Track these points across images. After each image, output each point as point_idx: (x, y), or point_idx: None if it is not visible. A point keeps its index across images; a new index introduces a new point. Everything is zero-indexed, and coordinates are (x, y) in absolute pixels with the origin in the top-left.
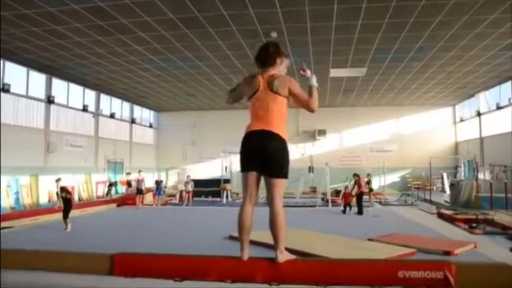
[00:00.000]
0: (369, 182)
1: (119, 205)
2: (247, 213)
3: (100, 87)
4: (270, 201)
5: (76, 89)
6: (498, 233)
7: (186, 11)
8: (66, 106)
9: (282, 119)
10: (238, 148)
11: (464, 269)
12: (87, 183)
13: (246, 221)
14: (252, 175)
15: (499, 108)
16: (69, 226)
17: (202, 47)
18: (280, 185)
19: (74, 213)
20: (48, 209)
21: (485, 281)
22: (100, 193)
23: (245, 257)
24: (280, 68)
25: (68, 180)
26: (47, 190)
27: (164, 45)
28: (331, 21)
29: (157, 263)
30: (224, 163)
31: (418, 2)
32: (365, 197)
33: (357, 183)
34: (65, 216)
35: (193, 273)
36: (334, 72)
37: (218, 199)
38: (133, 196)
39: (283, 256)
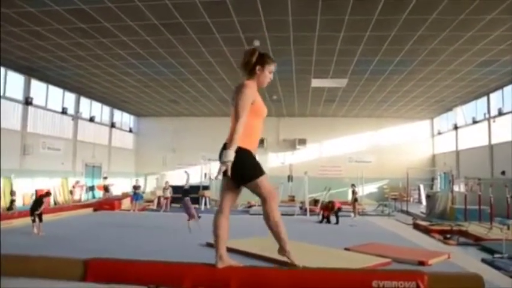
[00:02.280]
0: (353, 192)
1: (95, 210)
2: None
3: (80, 90)
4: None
5: (55, 91)
6: (471, 244)
7: (170, 16)
8: (45, 108)
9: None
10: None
11: (436, 279)
12: (64, 187)
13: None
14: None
15: (475, 122)
16: (34, 229)
17: (185, 53)
18: (255, 187)
19: (48, 217)
20: (21, 213)
21: None
22: (77, 197)
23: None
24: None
25: (44, 184)
26: (21, 193)
27: (147, 50)
28: (314, 31)
29: (132, 269)
30: (203, 170)
31: (399, 17)
32: (349, 208)
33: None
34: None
35: (168, 280)
36: (316, 83)
37: (197, 206)
38: (110, 201)
39: (287, 254)
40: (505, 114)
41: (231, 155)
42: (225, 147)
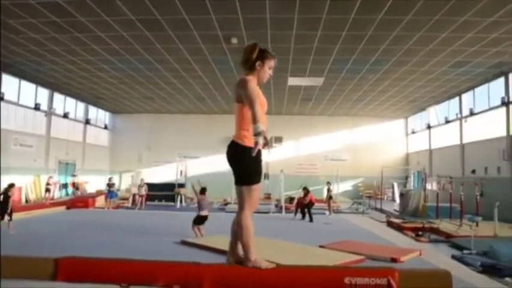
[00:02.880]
0: (328, 190)
1: (68, 208)
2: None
3: (54, 85)
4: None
5: (28, 87)
6: (442, 241)
7: (147, 12)
8: (17, 104)
9: (242, 123)
10: (195, 152)
11: (407, 276)
12: (36, 184)
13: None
14: None
15: (447, 122)
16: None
17: (162, 50)
18: (242, 191)
19: (19, 215)
20: None
21: (426, 286)
22: (50, 195)
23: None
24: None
25: (15, 181)
26: None
27: (123, 46)
28: (291, 30)
29: (104, 267)
30: (179, 167)
31: (376, 17)
32: (324, 205)
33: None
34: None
35: (140, 278)
36: (293, 81)
37: (172, 203)
38: (84, 199)
39: (251, 264)
40: (476, 115)
41: (261, 127)
42: (232, 143)
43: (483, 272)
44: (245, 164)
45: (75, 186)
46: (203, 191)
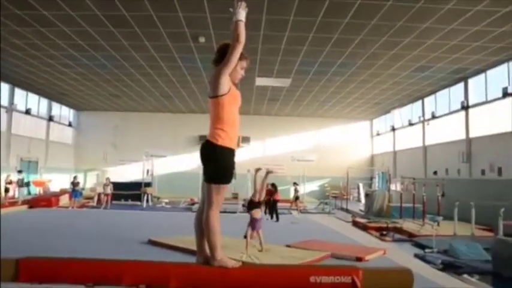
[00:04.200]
0: (295, 190)
1: (30, 207)
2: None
3: (15, 80)
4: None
5: None
6: (405, 240)
7: (113, 8)
8: None
9: (216, 122)
10: (162, 151)
11: (371, 274)
12: None
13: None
14: None
15: (410, 124)
16: None
17: (129, 47)
18: (211, 189)
19: None
20: None
21: (389, 284)
22: (11, 193)
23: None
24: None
25: None
26: None
27: (88, 42)
28: (259, 30)
29: (68, 267)
30: (146, 166)
31: (342, 20)
32: (289, 205)
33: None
34: None
35: (105, 277)
36: (260, 81)
37: (138, 203)
38: (46, 198)
39: (217, 263)
40: (438, 118)
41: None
42: (206, 143)
43: (443, 269)
44: (218, 164)
45: (19, 183)
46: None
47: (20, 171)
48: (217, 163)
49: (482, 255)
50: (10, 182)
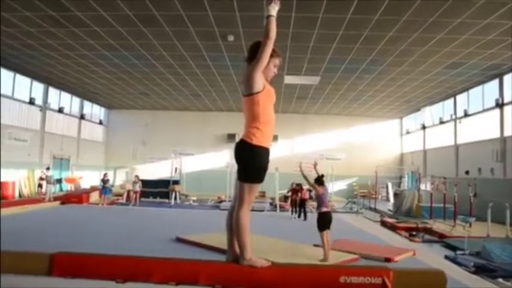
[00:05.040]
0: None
1: (62, 203)
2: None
3: (49, 80)
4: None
5: (23, 81)
6: (435, 241)
7: (144, 8)
8: (11, 98)
9: (252, 120)
10: (190, 149)
11: (401, 275)
12: (30, 179)
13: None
14: None
15: (441, 123)
16: None
17: (159, 46)
18: (243, 188)
19: (13, 210)
20: None
21: (420, 286)
22: (44, 190)
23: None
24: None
25: (9, 176)
26: None
27: (119, 42)
28: (288, 28)
29: (99, 263)
30: (174, 164)
31: (372, 17)
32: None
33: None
34: None
35: (136, 274)
36: (289, 79)
37: (166, 200)
38: (77, 194)
39: (247, 262)
40: (470, 116)
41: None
42: (241, 142)
43: (476, 272)
44: (252, 163)
45: (47, 180)
46: (320, 179)
47: (47, 168)
48: (251, 162)
49: None
50: (42, 178)
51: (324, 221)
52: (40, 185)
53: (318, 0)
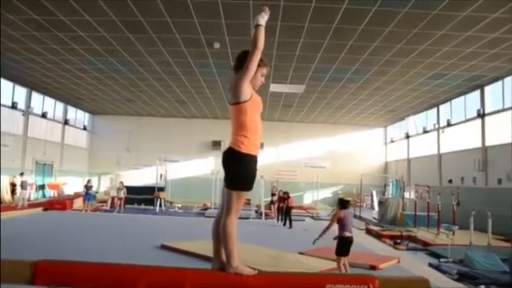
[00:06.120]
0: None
1: (45, 209)
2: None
3: (32, 84)
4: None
5: (5, 85)
6: (419, 249)
7: (129, 14)
8: None
9: (239, 129)
10: (175, 156)
11: (387, 283)
12: (12, 184)
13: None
14: None
15: (425, 132)
16: None
17: (144, 52)
18: (231, 196)
19: None
20: None
21: None
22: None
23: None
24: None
25: None
26: None
27: (104, 47)
28: (274, 36)
29: (84, 271)
30: (159, 171)
31: (357, 27)
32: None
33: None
34: None
35: (121, 283)
36: (274, 87)
37: (151, 207)
38: (60, 200)
39: (233, 270)
40: (453, 125)
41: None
42: (229, 150)
43: (459, 279)
44: (241, 171)
45: (23, 186)
46: (344, 204)
47: (21, 174)
48: (240, 170)
49: (499, 266)
50: (14, 184)
51: (341, 246)
52: (13, 191)
53: (304, 10)
